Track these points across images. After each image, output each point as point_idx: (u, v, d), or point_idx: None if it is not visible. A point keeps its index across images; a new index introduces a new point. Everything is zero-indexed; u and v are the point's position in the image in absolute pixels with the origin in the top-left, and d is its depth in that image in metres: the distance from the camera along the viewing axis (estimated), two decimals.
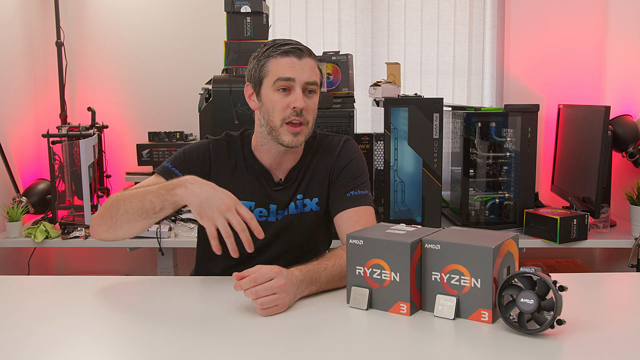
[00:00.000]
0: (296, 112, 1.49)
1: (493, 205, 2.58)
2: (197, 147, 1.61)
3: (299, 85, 1.49)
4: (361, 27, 3.23)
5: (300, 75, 1.49)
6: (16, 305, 1.34)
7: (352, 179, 1.59)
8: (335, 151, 1.63)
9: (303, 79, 1.49)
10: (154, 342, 1.12)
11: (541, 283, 1.09)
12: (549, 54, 3.13)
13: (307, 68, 1.50)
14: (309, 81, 1.50)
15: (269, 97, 1.51)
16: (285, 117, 1.50)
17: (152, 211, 1.36)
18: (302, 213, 1.61)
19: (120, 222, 1.41)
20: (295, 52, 1.49)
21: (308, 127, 1.54)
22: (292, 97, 1.49)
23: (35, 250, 2.86)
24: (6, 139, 2.77)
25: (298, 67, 1.49)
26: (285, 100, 1.49)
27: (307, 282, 1.31)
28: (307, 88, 1.51)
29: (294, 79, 1.48)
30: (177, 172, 1.55)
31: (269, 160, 1.59)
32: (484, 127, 2.55)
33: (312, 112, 1.54)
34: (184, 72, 3.16)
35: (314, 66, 1.53)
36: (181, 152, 1.61)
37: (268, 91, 1.51)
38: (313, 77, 1.51)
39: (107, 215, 1.42)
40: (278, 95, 1.50)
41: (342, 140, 1.65)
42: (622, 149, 2.65)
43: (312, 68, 1.52)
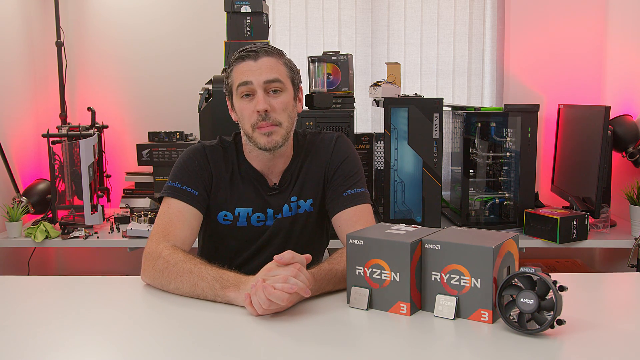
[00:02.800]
0: (262, 116, 1.47)
1: (493, 205, 2.58)
2: (193, 156, 1.57)
3: (258, 87, 1.47)
4: (361, 27, 3.23)
5: (257, 77, 1.47)
6: (16, 305, 1.34)
7: (348, 178, 1.58)
8: (328, 150, 1.61)
9: (260, 80, 1.47)
10: (153, 342, 1.12)
11: (541, 283, 1.09)
12: (549, 54, 3.13)
13: (265, 67, 1.47)
14: (268, 79, 1.47)
15: (238, 106, 1.52)
16: (254, 122, 1.48)
17: (203, 297, 1.32)
18: (295, 215, 1.60)
19: (172, 292, 1.37)
20: (251, 55, 1.48)
21: (283, 127, 1.50)
22: (254, 101, 1.48)
23: (35, 250, 2.86)
24: (6, 139, 2.77)
25: (254, 69, 1.47)
26: (250, 105, 1.48)
27: (315, 290, 1.31)
28: (269, 87, 1.48)
29: (251, 82, 1.47)
30: (191, 189, 1.52)
31: (260, 166, 1.58)
32: (484, 127, 2.55)
33: (282, 111, 1.50)
34: (184, 72, 3.16)
35: (274, 64, 1.49)
36: (181, 167, 1.56)
37: (237, 100, 1.51)
38: (272, 74, 1.47)
39: (157, 282, 1.39)
40: (244, 102, 1.49)
41: (334, 138, 1.63)
42: (622, 149, 2.65)
43: (271, 67, 1.48)
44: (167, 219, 1.49)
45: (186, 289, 1.33)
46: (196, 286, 1.32)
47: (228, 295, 1.28)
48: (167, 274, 1.36)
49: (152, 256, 1.41)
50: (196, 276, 1.32)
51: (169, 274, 1.36)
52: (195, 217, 1.52)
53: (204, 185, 1.55)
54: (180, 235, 1.47)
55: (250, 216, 1.57)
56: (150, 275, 1.41)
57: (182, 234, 1.48)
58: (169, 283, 1.36)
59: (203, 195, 1.54)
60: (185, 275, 1.34)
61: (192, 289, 1.32)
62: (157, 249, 1.42)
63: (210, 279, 1.31)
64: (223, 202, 1.57)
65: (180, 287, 1.34)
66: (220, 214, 1.57)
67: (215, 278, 1.31)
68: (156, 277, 1.39)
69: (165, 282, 1.37)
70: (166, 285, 1.37)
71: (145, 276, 1.43)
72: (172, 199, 1.52)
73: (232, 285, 1.28)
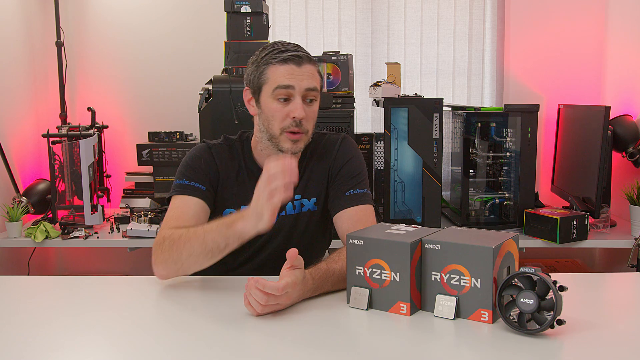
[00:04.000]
0: (296, 122, 1.47)
1: (493, 205, 2.58)
2: (199, 154, 1.58)
3: (299, 93, 1.47)
4: (361, 27, 3.23)
5: (299, 83, 1.46)
6: (16, 305, 1.34)
7: (351, 178, 1.59)
8: (333, 150, 1.62)
9: (302, 87, 1.47)
10: (153, 342, 1.12)
11: (541, 283, 1.09)
12: (549, 54, 3.13)
13: (307, 75, 1.48)
14: (309, 87, 1.48)
15: (268, 106, 1.49)
16: (285, 126, 1.48)
17: (217, 250, 1.33)
18: (299, 213, 1.60)
19: (188, 265, 1.37)
20: (294, 60, 1.47)
21: (308, 135, 1.52)
22: (291, 106, 1.47)
23: (35, 250, 2.86)
24: (6, 139, 2.77)
25: (297, 75, 1.46)
26: (284, 109, 1.47)
27: (313, 290, 1.31)
28: (307, 96, 1.49)
29: (293, 87, 1.46)
30: (198, 185, 1.52)
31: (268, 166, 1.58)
32: (484, 127, 2.55)
33: (312, 120, 1.52)
34: (184, 72, 3.16)
35: (314, 72, 1.50)
36: (187, 165, 1.56)
37: (267, 99, 1.49)
38: (313, 83, 1.49)
39: (170, 261, 1.37)
40: (277, 104, 1.48)
41: (340, 139, 1.64)
42: (622, 149, 2.65)
43: (312, 74, 1.49)
44: (176, 213, 1.49)
45: (198, 249, 1.33)
46: (205, 241, 1.32)
47: (237, 228, 1.29)
48: (175, 247, 1.36)
49: (158, 244, 1.41)
50: (202, 233, 1.33)
51: (178, 246, 1.35)
52: (203, 210, 1.52)
53: (210, 182, 1.55)
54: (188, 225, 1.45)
55: None
56: (161, 260, 1.39)
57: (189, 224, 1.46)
58: (180, 254, 1.35)
59: (210, 191, 1.55)
60: (193, 238, 1.34)
61: (203, 246, 1.33)
62: (161, 236, 1.42)
63: (215, 227, 1.33)
64: (229, 200, 1.58)
65: (192, 251, 1.34)
66: (226, 212, 1.58)
67: (219, 224, 1.33)
68: (167, 258, 1.37)
69: (176, 256, 1.36)
70: (179, 260, 1.35)
71: (157, 265, 1.41)
72: (180, 195, 1.52)
73: (237, 220, 1.30)
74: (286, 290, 1.20)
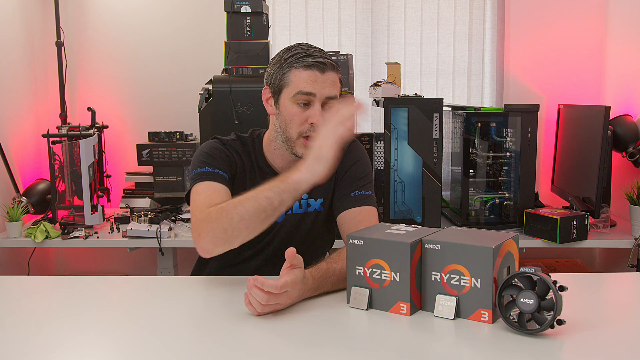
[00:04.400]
0: (313, 128, 1.47)
1: (493, 205, 2.58)
2: (217, 146, 1.55)
3: (319, 100, 1.46)
4: (361, 27, 3.23)
5: (321, 91, 1.46)
6: (16, 305, 1.34)
7: (357, 179, 1.60)
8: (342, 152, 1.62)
9: (324, 94, 1.46)
10: (153, 342, 1.12)
11: (541, 283, 1.09)
12: (549, 54, 3.13)
13: (329, 83, 1.47)
14: (330, 96, 1.47)
15: (287, 108, 1.49)
16: (302, 131, 1.48)
17: (270, 208, 1.31)
18: (305, 213, 1.61)
19: (239, 231, 1.32)
20: (319, 66, 1.46)
21: None
22: (310, 111, 1.46)
23: (35, 250, 2.86)
24: (6, 139, 2.77)
25: (320, 82, 1.46)
26: (303, 114, 1.47)
27: (313, 289, 1.31)
28: (327, 103, 1.48)
29: (314, 94, 1.46)
30: (221, 172, 1.49)
31: (280, 164, 1.58)
32: (484, 127, 2.55)
33: None
34: (184, 72, 3.16)
35: (336, 80, 1.50)
36: (206, 154, 1.53)
37: (287, 102, 1.48)
38: (334, 92, 1.48)
39: (219, 229, 1.32)
40: (297, 108, 1.47)
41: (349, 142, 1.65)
42: (622, 149, 2.65)
43: (334, 82, 1.49)
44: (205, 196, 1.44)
45: (250, 209, 1.31)
46: (258, 199, 1.30)
47: (292, 180, 1.30)
48: (225, 213, 1.32)
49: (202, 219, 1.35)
50: (254, 194, 1.32)
51: (228, 211, 1.32)
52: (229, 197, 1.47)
53: (231, 172, 1.53)
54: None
55: None
56: (208, 231, 1.34)
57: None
58: (231, 219, 1.31)
59: (231, 181, 1.52)
60: (244, 200, 1.32)
61: (256, 205, 1.30)
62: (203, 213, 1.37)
63: (267, 186, 1.31)
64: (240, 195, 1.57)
65: (244, 213, 1.31)
66: None
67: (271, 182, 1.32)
68: (215, 227, 1.33)
69: (227, 221, 1.31)
70: (230, 225, 1.31)
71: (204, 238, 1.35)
72: (204, 182, 1.47)
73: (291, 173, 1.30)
74: (285, 288, 1.20)
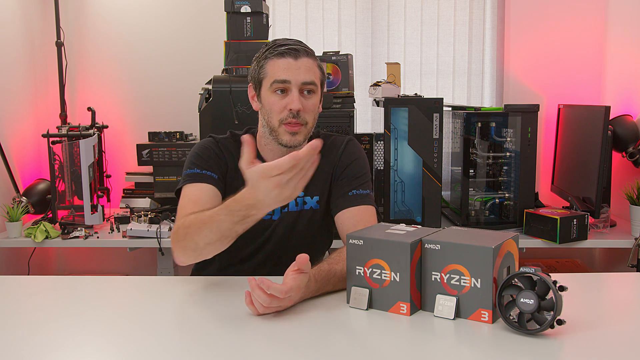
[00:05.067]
0: (293, 114, 1.49)
1: (493, 205, 2.58)
2: (208, 146, 1.59)
3: (295, 86, 1.49)
4: (361, 27, 3.23)
5: (295, 77, 1.49)
6: (16, 305, 1.34)
7: (355, 178, 1.60)
8: (338, 151, 1.63)
9: (299, 80, 1.49)
10: (153, 342, 1.12)
11: (541, 283, 1.09)
12: (549, 54, 3.13)
13: (304, 68, 1.49)
14: (306, 81, 1.49)
15: (267, 99, 1.52)
16: (282, 118, 1.50)
17: (235, 234, 1.31)
18: (301, 210, 1.61)
19: (207, 252, 1.36)
20: (291, 53, 1.49)
21: (307, 127, 1.53)
22: (288, 98, 1.49)
23: (35, 250, 2.86)
24: (6, 139, 2.77)
25: (294, 68, 1.48)
26: (282, 102, 1.50)
27: (315, 291, 1.31)
28: (305, 88, 1.50)
29: (289, 81, 1.48)
30: (211, 173, 1.52)
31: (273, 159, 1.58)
32: (484, 127, 2.55)
33: (311, 112, 1.54)
34: (184, 72, 3.16)
35: (312, 65, 1.52)
36: (196, 155, 1.57)
37: (266, 93, 1.52)
38: (310, 77, 1.50)
39: (188, 249, 1.37)
40: (275, 97, 1.50)
41: (345, 140, 1.66)
42: (622, 149, 2.65)
43: (310, 68, 1.51)
44: (188, 200, 1.48)
45: (214, 237, 1.31)
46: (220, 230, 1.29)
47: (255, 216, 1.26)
48: (190, 237, 1.35)
49: (174, 233, 1.40)
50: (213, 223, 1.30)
51: (192, 236, 1.34)
52: (216, 196, 1.52)
53: (220, 171, 1.56)
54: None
55: None
56: (179, 248, 1.38)
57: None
58: (197, 244, 1.34)
59: (221, 180, 1.55)
60: (204, 228, 1.32)
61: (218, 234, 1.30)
62: (176, 225, 1.41)
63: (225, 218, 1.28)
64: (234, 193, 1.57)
65: (208, 240, 1.32)
66: None
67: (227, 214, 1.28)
68: (185, 246, 1.37)
69: (193, 244, 1.34)
70: (197, 247, 1.34)
71: (176, 253, 1.40)
72: (192, 184, 1.51)
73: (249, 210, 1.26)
74: (290, 294, 1.19)
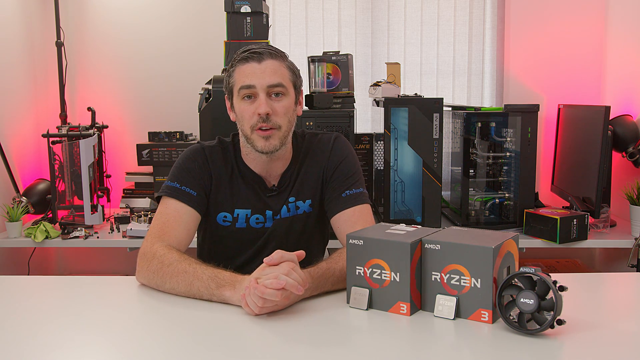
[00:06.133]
0: (262, 118, 1.46)
1: (493, 205, 2.58)
2: (193, 157, 1.56)
3: (261, 90, 1.46)
4: (361, 27, 3.23)
5: (260, 81, 1.46)
6: (16, 305, 1.34)
7: (346, 178, 1.58)
8: (326, 151, 1.61)
9: (264, 84, 1.46)
10: (153, 342, 1.12)
11: (541, 283, 1.09)
12: (549, 54, 3.13)
13: (269, 71, 1.47)
14: (271, 84, 1.47)
15: (238, 107, 1.51)
16: (253, 124, 1.48)
17: (199, 297, 1.32)
18: (294, 216, 1.59)
19: (168, 292, 1.37)
20: (254, 57, 1.47)
21: (281, 130, 1.50)
22: (256, 103, 1.47)
23: (35, 250, 2.86)
24: (6, 139, 2.77)
25: (258, 72, 1.46)
26: (251, 108, 1.48)
27: (312, 289, 1.31)
28: (272, 91, 1.48)
29: (254, 86, 1.46)
30: (189, 190, 1.51)
31: (258, 168, 1.57)
32: (484, 127, 2.55)
33: (283, 115, 1.49)
34: (184, 72, 3.16)
35: (278, 67, 1.49)
36: (180, 167, 1.55)
37: (237, 101, 1.51)
38: (276, 79, 1.47)
39: (153, 282, 1.38)
40: (244, 103, 1.49)
41: (332, 139, 1.62)
42: (622, 149, 2.65)
43: (275, 70, 1.48)
44: (164, 219, 1.49)
45: (182, 289, 1.33)
46: (192, 286, 1.32)
47: (224, 294, 1.28)
48: (162, 274, 1.36)
49: (147, 257, 1.41)
50: (191, 276, 1.32)
51: (164, 275, 1.35)
52: (192, 218, 1.51)
53: (203, 186, 1.54)
54: (176, 236, 1.47)
55: (249, 218, 1.56)
56: (145, 275, 1.41)
57: (178, 235, 1.47)
58: (164, 283, 1.36)
59: (202, 196, 1.54)
60: (181, 275, 1.33)
61: (187, 288, 1.32)
62: (151, 249, 1.41)
63: (205, 279, 1.30)
64: (222, 203, 1.57)
65: (175, 287, 1.34)
66: (220, 215, 1.57)
67: (210, 277, 1.30)
68: (151, 277, 1.39)
69: (160, 282, 1.37)
70: (161, 286, 1.37)
71: (140, 276, 1.43)
72: (170, 199, 1.51)
73: (227, 284, 1.28)
74: (284, 294, 1.19)
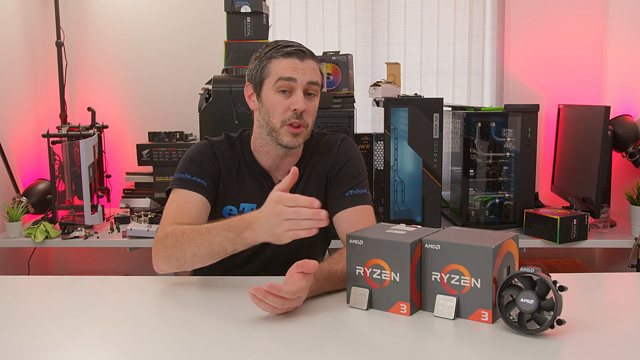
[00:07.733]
0: (296, 115, 1.49)
1: (493, 205, 2.58)
2: (202, 150, 1.59)
3: (301, 86, 1.49)
4: (361, 27, 3.23)
5: (302, 76, 1.49)
6: (16, 305, 1.34)
7: (351, 178, 1.59)
8: (333, 151, 1.63)
9: (305, 80, 1.49)
10: (153, 342, 1.12)
11: (541, 283, 1.09)
12: (549, 54, 3.13)
13: (309, 69, 1.50)
14: (311, 81, 1.50)
15: (269, 98, 1.51)
16: (286, 119, 1.50)
17: (223, 253, 1.33)
18: None
19: (191, 263, 1.37)
20: (298, 54, 1.50)
21: (307, 129, 1.54)
22: (293, 99, 1.49)
23: (35, 250, 2.86)
24: (6, 139, 2.77)
25: (300, 68, 1.49)
26: (286, 102, 1.49)
27: (315, 290, 1.31)
28: (309, 89, 1.51)
29: (295, 80, 1.48)
30: (200, 180, 1.53)
31: (268, 162, 1.59)
32: (484, 127, 2.55)
33: (312, 115, 1.54)
34: (184, 72, 3.16)
35: (316, 68, 1.53)
36: (189, 159, 1.57)
37: (269, 92, 1.51)
38: (314, 77, 1.51)
39: (173, 258, 1.38)
40: (279, 96, 1.50)
41: (340, 140, 1.65)
42: (622, 149, 2.65)
43: (314, 69, 1.52)
44: (176, 206, 1.49)
45: (204, 251, 1.34)
46: (212, 245, 1.33)
47: (247, 238, 1.29)
48: (179, 245, 1.36)
49: (160, 238, 1.41)
50: (208, 235, 1.33)
51: (182, 245, 1.36)
52: (204, 206, 1.52)
53: (212, 178, 1.56)
54: (189, 222, 1.46)
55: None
56: (162, 255, 1.40)
57: (191, 221, 1.47)
58: (184, 254, 1.36)
59: (212, 187, 1.55)
60: (198, 238, 1.34)
61: (209, 249, 1.33)
62: (163, 232, 1.42)
63: (222, 232, 1.32)
64: (229, 197, 1.58)
65: (197, 252, 1.34)
66: (226, 209, 1.58)
67: (225, 229, 1.32)
68: (170, 254, 1.38)
69: (180, 254, 1.36)
70: (183, 257, 1.36)
71: (158, 260, 1.42)
72: (181, 189, 1.52)
73: (245, 229, 1.29)
74: (299, 294, 1.20)
